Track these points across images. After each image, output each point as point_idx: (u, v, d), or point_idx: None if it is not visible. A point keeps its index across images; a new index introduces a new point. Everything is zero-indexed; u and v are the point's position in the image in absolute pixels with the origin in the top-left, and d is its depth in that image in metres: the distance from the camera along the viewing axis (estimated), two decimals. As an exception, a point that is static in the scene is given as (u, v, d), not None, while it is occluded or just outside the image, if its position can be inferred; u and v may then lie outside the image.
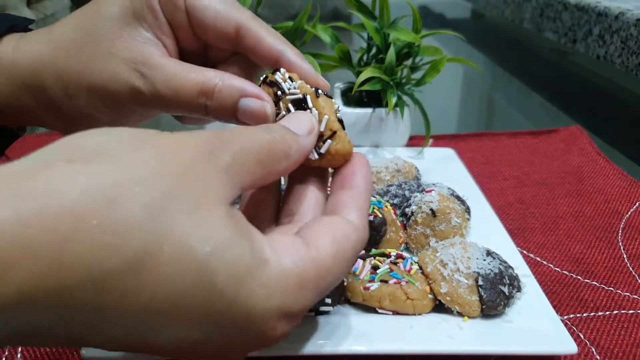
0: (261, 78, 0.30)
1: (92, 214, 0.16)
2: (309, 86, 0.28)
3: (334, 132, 0.27)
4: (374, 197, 0.40)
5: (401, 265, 0.35)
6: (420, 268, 0.35)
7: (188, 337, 0.20)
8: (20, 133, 0.35)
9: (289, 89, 0.28)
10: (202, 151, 0.20)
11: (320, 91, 0.28)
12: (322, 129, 0.27)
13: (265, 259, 0.20)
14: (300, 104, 0.28)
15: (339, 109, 0.28)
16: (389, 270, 0.34)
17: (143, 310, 0.18)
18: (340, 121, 0.28)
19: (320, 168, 0.29)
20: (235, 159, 0.21)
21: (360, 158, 0.28)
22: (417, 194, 0.42)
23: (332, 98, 0.29)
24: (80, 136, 0.19)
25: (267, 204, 0.29)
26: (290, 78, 0.28)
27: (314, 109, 0.27)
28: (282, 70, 0.29)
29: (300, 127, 0.26)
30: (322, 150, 0.27)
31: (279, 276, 0.21)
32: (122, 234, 0.17)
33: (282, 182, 0.30)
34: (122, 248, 0.17)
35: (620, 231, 0.46)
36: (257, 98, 0.28)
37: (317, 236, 0.23)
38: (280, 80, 0.28)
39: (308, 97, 0.28)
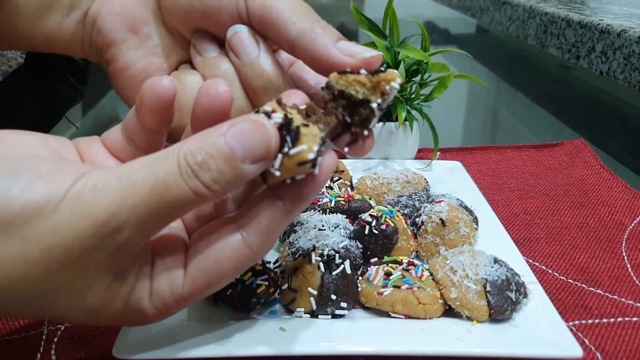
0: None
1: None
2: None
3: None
4: (386, 207, 0.42)
5: (413, 271, 0.36)
6: (431, 274, 0.36)
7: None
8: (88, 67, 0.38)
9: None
10: (88, 245, 0.22)
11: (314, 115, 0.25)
12: (276, 166, 0.23)
13: (140, 310, 0.25)
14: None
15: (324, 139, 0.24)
16: (401, 276, 0.35)
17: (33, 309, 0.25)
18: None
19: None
20: (123, 240, 0.22)
21: (316, 184, 0.25)
22: (427, 204, 0.43)
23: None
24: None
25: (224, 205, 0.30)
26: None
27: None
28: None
29: (247, 149, 0.22)
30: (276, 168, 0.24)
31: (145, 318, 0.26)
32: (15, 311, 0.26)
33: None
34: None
35: (624, 242, 0.47)
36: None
37: (199, 270, 0.25)
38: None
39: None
